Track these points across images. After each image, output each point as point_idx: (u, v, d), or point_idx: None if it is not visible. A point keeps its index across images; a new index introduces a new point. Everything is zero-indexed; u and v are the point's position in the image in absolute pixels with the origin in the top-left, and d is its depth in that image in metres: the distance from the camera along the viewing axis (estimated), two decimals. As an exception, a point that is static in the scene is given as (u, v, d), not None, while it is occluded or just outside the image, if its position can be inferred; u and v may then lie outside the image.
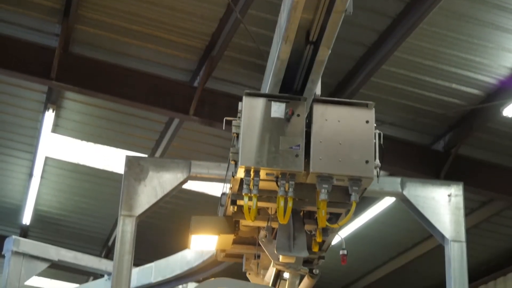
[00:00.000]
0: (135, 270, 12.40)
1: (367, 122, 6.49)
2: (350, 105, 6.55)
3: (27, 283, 13.29)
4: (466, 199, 8.68)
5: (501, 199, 14.25)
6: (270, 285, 7.84)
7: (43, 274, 16.23)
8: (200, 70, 12.17)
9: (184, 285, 13.18)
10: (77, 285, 16.34)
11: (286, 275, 7.67)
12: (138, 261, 10.58)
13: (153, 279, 12.45)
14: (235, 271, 8.80)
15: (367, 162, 6.37)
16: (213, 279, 7.44)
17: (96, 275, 15.45)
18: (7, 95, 13.73)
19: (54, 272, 19.30)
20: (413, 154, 13.27)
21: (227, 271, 10.07)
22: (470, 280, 8.34)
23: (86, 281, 18.94)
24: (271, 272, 7.83)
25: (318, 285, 8.32)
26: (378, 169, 6.41)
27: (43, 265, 12.64)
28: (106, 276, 13.41)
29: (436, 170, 13.12)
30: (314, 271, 7.92)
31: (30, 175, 16.03)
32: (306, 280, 8.30)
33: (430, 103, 12.32)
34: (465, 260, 8.31)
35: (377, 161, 6.42)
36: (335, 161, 6.32)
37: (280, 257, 7.16)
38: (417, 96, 12.20)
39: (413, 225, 13.88)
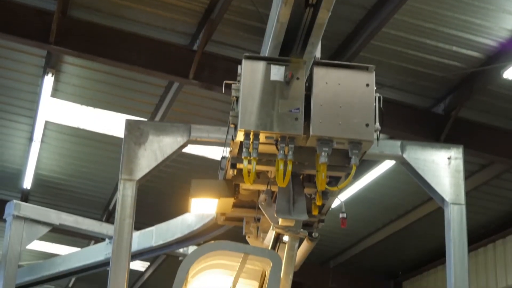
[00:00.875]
0: (136, 234, 12.46)
1: (367, 85, 6.47)
2: (350, 68, 6.53)
3: (29, 247, 13.39)
4: (466, 162, 8.70)
5: (501, 162, 14.25)
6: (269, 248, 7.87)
7: (44, 238, 16.32)
8: (200, 33, 12.10)
9: (185, 248, 13.27)
10: (78, 249, 16.41)
11: (285, 238, 7.69)
12: (139, 224, 10.63)
13: (154, 242, 12.52)
14: (235, 234, 8.84)
15: (367, 125, 6.36)
16: (212, 241, 7.47)
17: (97, 239, 15.54)
18: (5, 59, 13.67)
19: (55, 236, 19.39)
20: (413, 117, 13.25)
21: (227, 234, 10.12)
22: (469, 242, 8.39)
23: (87, 245, 19.05)
24: (271, 235, 7.85)
25: (318, 248, 8.35)
26: (378, 132, 6.41)
27: (44, 229, 12.69)
28: (107, 240, 13.48)
29: (436, 133, 13.11)
30: (313, 234, 7.94)
31: (30, 139, 16.02)
32: (305, 243, 8.32)
33: (430, 66, 12.27)
34: (464, 223, 8.34)
35: (377, 124, 6.41)
36: (335, 124, 6.31)
37: (280, 220, 7.17)
38: (417, 59, 12.15)
39: (413, 188, 13.90)
